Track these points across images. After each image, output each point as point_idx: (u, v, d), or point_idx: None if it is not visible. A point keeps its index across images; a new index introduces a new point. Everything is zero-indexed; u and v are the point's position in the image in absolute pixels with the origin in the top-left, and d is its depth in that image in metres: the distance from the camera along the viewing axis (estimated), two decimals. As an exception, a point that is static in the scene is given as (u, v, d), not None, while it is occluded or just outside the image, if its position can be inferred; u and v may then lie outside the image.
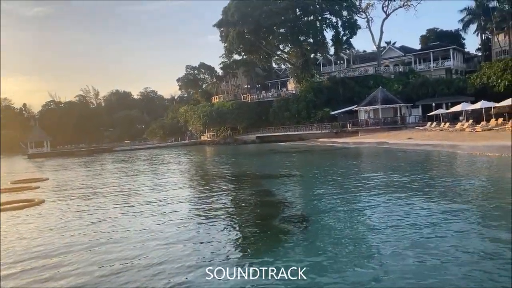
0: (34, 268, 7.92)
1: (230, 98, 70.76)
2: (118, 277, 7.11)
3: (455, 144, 28.65)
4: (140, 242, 9.26)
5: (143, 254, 8.32)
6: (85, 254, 8.60)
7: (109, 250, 8.75)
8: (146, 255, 8.23)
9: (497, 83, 43.68)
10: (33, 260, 8.38)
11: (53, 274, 7.47)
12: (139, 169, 31.17)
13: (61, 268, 7.79)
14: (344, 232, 9.38)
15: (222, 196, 15.39)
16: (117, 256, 8.30)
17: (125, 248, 8.82)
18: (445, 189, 13.68)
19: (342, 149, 37.53)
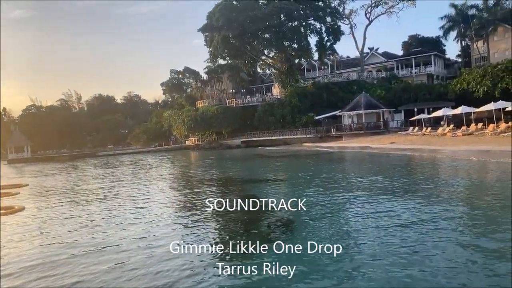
0: (11, 274, 7.72)
1: (215, 102, 70.65)
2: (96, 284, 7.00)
3: (436, 148, 29.21)
4: (121, 248, 9.11)
5: (124, 259, 8.19)
6: (67, 262, 8.42)
7: (88, 260, 8.58)
8: (128, 260, 8.11)
9: (477, 89, 44.72)
10: (11, 267, 8.17)
11: (33, 282, 7.29)
12: (121, 174, 30.77)
13: (42, 276, 7.61)
14: (330, 237, 9.42)
15: (206, 200, 15.29)
16: (97, 263, 8.15)
17: (106, 256, 8.67)
18: (427, 191, 13.89)
19: (326, 153, 37.78)
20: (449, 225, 9.46)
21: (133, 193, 18.77)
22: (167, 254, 8.29)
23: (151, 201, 15.77)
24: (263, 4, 61.49)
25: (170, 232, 10.43)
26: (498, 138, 29.47)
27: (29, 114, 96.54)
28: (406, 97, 52.52)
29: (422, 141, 35.04)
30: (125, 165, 41.15)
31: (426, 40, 74.69)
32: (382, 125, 49.75)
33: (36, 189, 23.63)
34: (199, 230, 10.54)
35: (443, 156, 25.69)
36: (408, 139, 38.51)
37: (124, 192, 19.62)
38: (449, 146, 29.09)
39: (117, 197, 17.77)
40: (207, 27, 63.50)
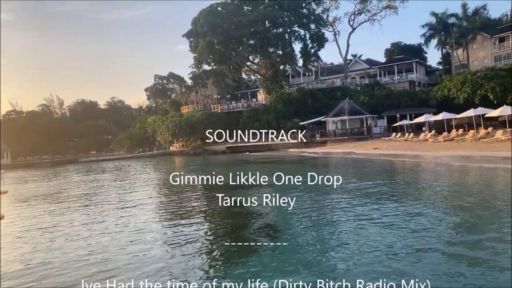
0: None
1: (200, 108, 70.47)
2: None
3: (419, 154, 29.68)
4: (104, 257, 8.97)
5: (107, 270, 8.06)
6: (49, 271, 8.25)
7: (68, 270, 8.42)
8: (111, 270, 7.98)
9: (457, 96, 45.69)
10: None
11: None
12: (104, 181, 30.33)
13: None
14: (315, 242, 9.47)
15: (191, 207, 15.20)
16: (77, 274, 8.00)
17: (89, 266, 8.52)
18: (409, 194, 14.10)
19: (311, 159, 38.00)
20: (434, 225, 9.63)
21: (116, 200, 18.51)
22: (148, 266, 8.20)
23: (134, 208, 15.58)
24: (248, 11, 61.84)
25: (152, 243, 10.29)
26: (478, 144, 30.15)
27: (9, 119, 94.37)
28: (389, 104, 53.32)
29: (404, 147, 35.57)
30: (108, 171, 40.60)
31: (408, 48, 76.18)
32: (365, 131, 50.36)
33: (16, 196, 23.08)
34: (181, 239, 10.45)
35: (425, 161, 26.12)
36: (391, 145, 39.05)
37: (106, 199, 19.34)
38: (431, 152, 29.60)
39: (99, 205, 17.50)
40: (192, 33, 63.47)
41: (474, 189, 15.17)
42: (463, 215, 11.03)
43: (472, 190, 14.81)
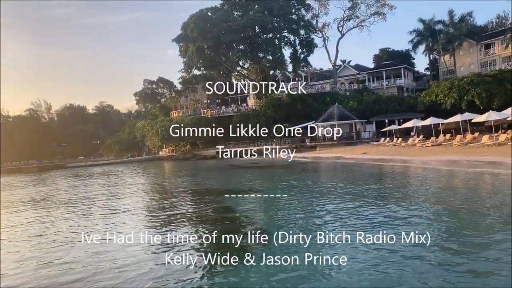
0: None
1: (190, 113, 70.25)
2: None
3: (407, 158, 29.95)
4: (90, 263, 8.86)
5: (92, 277, 7.95)
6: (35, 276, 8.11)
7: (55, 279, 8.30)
8: (99, 277, 7.87)
9: (444, 101, 46.29)
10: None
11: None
12: (92, 186, 30.00)
13: None
14: (306, 246, 9.45)
15: (181, 212, 15.10)
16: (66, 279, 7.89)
17: (75, 272, 8.41)
18: (397, 198, 14.21)
19: (301, 163, 38.08)
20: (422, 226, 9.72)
21: (104, 207, 18.31)
22: (137, 272, 8.12)
23: (123, 214, 15.43)
24: (238, 16, 62.06)
25: (141, 249, 10.20)
26: (465, 149, 30.53)
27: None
28: (378, 109, 53.80)
29: (393, 152, 35.87)
30: (96, 177, 40.17)
31: (396, 54, 77.15)
32: (354, 136, 50.67)
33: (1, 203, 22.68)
34: (170, 244, 10.37)
35: (413, 166, 26.36)
36: (379, 150, 39.34)
37: (94, 205, 19.12)
38: (419, 156, 29.89)
39: (88, 212, 17.30)
40: (182, 38, 63.45)
41: (461, 193, 15.36)
42: (449, 218, 11.23)
43: (459, 195, 14.99)
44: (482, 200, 13.57)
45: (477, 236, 9.31)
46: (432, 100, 48.71)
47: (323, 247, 9.26)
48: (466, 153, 28.21)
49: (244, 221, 12.94)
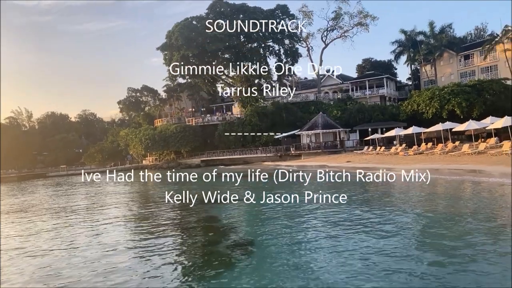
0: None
1: (174, 121, 69.83)
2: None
3: (390, 167, 30.29)
4: (76, 274, 8.65)
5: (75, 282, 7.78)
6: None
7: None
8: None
9: (426, 110, 47.12)
10: None
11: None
12: (73, 195, 29.44)
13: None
14: (289, 255, 9.43)
15: (164, 222, 14.92)
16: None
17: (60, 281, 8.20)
18: (380, 204, 14.34)
19: (286, 172, 38.04)
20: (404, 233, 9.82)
21: (85, 216, 17.97)
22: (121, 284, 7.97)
23: (104, 226, 15.16)
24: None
25: (124, 260, 10.02)
26: (446, 157, 31.09)
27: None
28: (361, 118, 54.45)
29: (376, 160, 36.26)
30: (77, 186, 39.44)
31: (378, 64, 78.45)
32: (338, 144, 51.12)
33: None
34: (153, 256, 10.22)
35: (396, 174, 26.65)
36: (363, 158, 39.73)
37: (76, 215, 18.75)
38: (401, 165, 30.27)
39: (69, 222, 16.96)
40: (166, 46, 63.22)
41: (442, 200, 15.59)
42: (431, 224, 11.42)
43: (440, 201, 15.21)
44: (462, 206, 13.82)
45: (457, 239, 9.47)
46: (414, 110, 49.52)
47: (308, 253, 9.25)
48: (447, 161, 28.73)
49: (228, 229, 12.86)
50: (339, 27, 69.94)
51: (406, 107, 51.48)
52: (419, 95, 50.40)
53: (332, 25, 69.80)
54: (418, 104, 48.84)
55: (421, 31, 66.51)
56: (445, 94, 45.69)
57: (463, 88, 45.54)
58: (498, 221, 11.46)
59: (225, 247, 10.59)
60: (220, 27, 58.98)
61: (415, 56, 68.92)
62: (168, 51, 63.75)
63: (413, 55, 68.72)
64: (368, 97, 64.28)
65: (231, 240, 11.43)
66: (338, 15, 68.71)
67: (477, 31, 77.88)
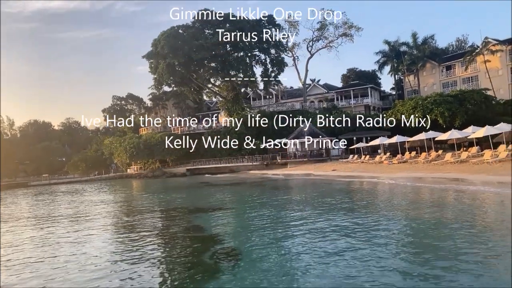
0: None
1: (159, 129, 69.33)
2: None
3: (375, 175, 30.63)
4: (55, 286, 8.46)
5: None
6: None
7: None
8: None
9: (410, 120, 47.84)
10: None
11: None
12: (56, 205, 28.87)
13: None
14: (275, 264, 9.40)
15: (148, 232, 14.72)
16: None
17: None
18: (365, 211, 14.44)
19: (272, 180, 38.15)
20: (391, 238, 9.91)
21: (68, 226, 17.63)
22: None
23: (88, 235, 14.89)
24: (210, 34, 62.44)
25: (107, 272, 9.85)
26: (429, 166, 31.57)
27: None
28: (346, 127, 54.95)
29: (361, 169, 36.60)
30: (60, 195, 38.72)
31: (363, 74, 79.67)
32: (324, 153, 51.45)
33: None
34: (137, 268, 10.07)
35: (381, 182, 26.95)
36: (348, 167, 40.05)
37: (58, 226, 18.38)
38: (386, 173, 30.62)
39: (51, 232, 16.60)
40: (152, 54, 63.10)
41: (426, 208, 15.78)
42: (415, 230, 11.53)
43: (424, 209, 15.40)
44: (445, 212, 14.03)
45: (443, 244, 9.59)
46: (398, 119, 50.22)
47: (294, 262, 9.24)
48: (430, 170, 29.18)
49: (215, 239, 12.76)
50: (324, 37, 71.06)
51: (390, 117, 52.16)
52: (403, 105, 51.16)
53: (318, 35, 70.86)
54: (402, 113, 49.55)
55: (404, 42, 67.96)
56: (428, 104, 46.47)
57: (445, 98, 46.41)
58: (478, 227, 11.76)
59: (210, 256, 10.50)
60: (207, 37, 59.27)
61: (398, 66, 70.22)
62: (153, 59, 63.62)
63: (396, 65, 70.02)
64: (353, 106, 65.07)
65: (217, 249, 11.35)
66: (323, 25, 69.76)
67: (458, 43, 79.88)
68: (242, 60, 62.79)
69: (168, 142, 59.55)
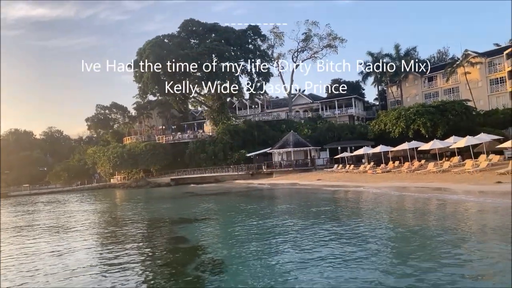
0: None
1: (144, 139, 68.66)
2: None
3: (359, 184, 30.85)
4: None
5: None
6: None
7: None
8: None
9: (393, 130, 48.45)
10: None
11: None
12: (36, 217, 28.20)
13: None
14: (260, 275, 9.33)
15: (131, 244, 14.46)
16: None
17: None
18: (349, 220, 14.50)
19: (257, 190, 38.06)
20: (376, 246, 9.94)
21: (48, 238, 17.21)
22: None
23: (67, 250, 14.54)
24: (195, 44, 62.50)
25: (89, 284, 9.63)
26: (413, 175, 31.97)
27: None
28: (331, 136, 55.38)
29: (346, 178, 36.84)
30: (40, 206, 37.86)
31: (347, 84, 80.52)
32: (309, 163, 51.64)
33: None
34: (119, 280, 9.87)
35: (365, 191, 27.15)
36: (333, 176, 40.28)
37: (38, 237, 17.93)
38: (370, 183, 30.88)
39: (30, 244, 16.18)
40: (137, 63, 62.69)
41: (410, 216, 15.94)
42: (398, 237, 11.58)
43: (409, 217, 15.55)
44: (428, 220, 14.17)
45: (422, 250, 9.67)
46: (381, 129, 50.80)
47: (278, 272, 9.18)
48: (414, 179, 29.54)
49: (199, 250, 12.61)
50: (309, 48, 71.85)
51: (373, 127, 52.75)
52: (386, 115, 51.79)
53: (302, 46, 71.60)
54: (385, 123, 50.15)
55: (387, 54, 69.14)
56: (411, 114, 47.14)
57: (428, 108, 47.17)
58: (459, 234, 12.04)
59: (194, 268, 10.36)
60: (192, 47, 59.27)
61: (381, 78, 71.32)
62: (138, 68, 63.19)
63: (379, 76, 71.09)
64: (338, 116, 65.73)
65: (201, 260, 11.21)
66: (308, 37, 70.55)
67: (439, 54, 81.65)
68: (228, 70, 62.86)
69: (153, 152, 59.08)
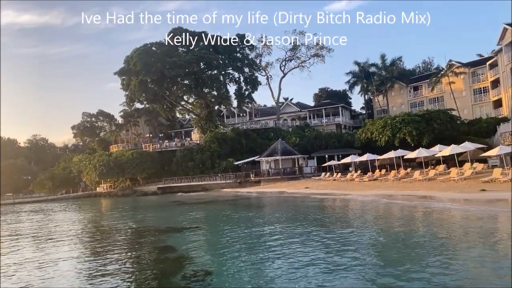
0: None
1: (130, 147, 68.01)
2: None
3: (347, 192, 31.03)
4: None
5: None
6: None
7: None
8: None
9: (379, 138, 48.95)
10: None
11: None
12: (19, 226, 27.62)
13: None
14: (247, 284, 9.26)
15: (116, 255, 14.22)
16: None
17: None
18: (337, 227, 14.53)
19: (245, 198, 37.94)
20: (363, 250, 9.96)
21: (32, 248, 16.85)
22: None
23: (50, 260, 14.24)
24: (183, 52, 62.47)
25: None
26: (399, 183, 32.28)
27: None
28: (318, 144, 55.65)
29: (333, 186, 37.02)
30: (24, 215, 37.10)
31: (334, 93, 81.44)
32: (297, 171, 51.77)
33: None
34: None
35: (353, 199, 27.30)
36: (321, 184, 40.43)
37: (21, 248, 17.54)
38: (357, 191, 31.08)
39: (13, 255, 15.82)
40: (124, 71, 62.35)
41: (396, 224, 16.04)
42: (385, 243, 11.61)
43: (394, 225, 15.65)
44: (415, 226, 14.30)
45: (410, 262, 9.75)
46: (368, 137, 51.26)
47: (265, 280, 9.13)
48: (400, 187, 29.83)
49: (186, 260, 12.47)
50: (297, 57, 72.36)
51: (360, 135, 53.20)
52: (373, 124, 52.31)
53: (290, 55, 72.07)
54: (372, 132, 50.64)
55: (373, 63, 70.14)
56: (397, 123, 47.71)
57: (413, 117, 47.79)
58: (445, 240, 12.22)
59: (181, 278, 10.24)
60: (180, 55, 59.23)
61: (368, 87, 72.19)
62: (126, 76, 62.87)
63: (366, 85, 71.95)
64: (325, 124, 66.16)
65: (188, 271, 11.08)
66: (296, 46, 71.13)
67: (424, 64, 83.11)
68: (216, 78, 62.90)
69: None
